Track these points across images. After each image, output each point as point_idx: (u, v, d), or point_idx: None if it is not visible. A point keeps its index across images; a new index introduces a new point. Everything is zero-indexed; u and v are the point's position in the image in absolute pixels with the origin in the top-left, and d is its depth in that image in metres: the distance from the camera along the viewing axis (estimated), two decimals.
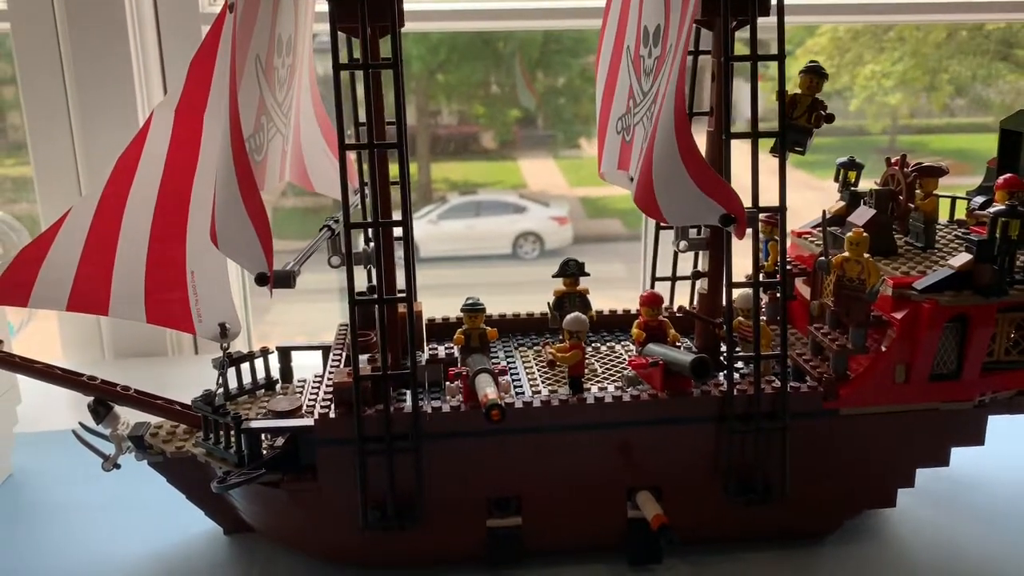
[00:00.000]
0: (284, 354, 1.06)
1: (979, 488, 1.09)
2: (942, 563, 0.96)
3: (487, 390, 0.83)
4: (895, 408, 0.93)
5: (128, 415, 0.95)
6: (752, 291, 0.90)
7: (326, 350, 1.06)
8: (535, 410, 0.89)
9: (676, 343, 0.97)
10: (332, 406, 0.89)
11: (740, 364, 0.98)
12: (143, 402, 0.95)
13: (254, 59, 0.86)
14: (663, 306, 0.99)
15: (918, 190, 1.00)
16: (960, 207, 1.08)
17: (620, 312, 1.15)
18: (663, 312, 0.99)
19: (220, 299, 0.96)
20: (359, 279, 0.91)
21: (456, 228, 3.36)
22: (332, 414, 0.88)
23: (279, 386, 1.05)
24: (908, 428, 0.94)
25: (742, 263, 0.92)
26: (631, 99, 1.01)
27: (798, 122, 0.90)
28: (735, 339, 0.94)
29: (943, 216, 1.06)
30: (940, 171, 1.00)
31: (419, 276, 1.04)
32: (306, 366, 1.08)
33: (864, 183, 1.07)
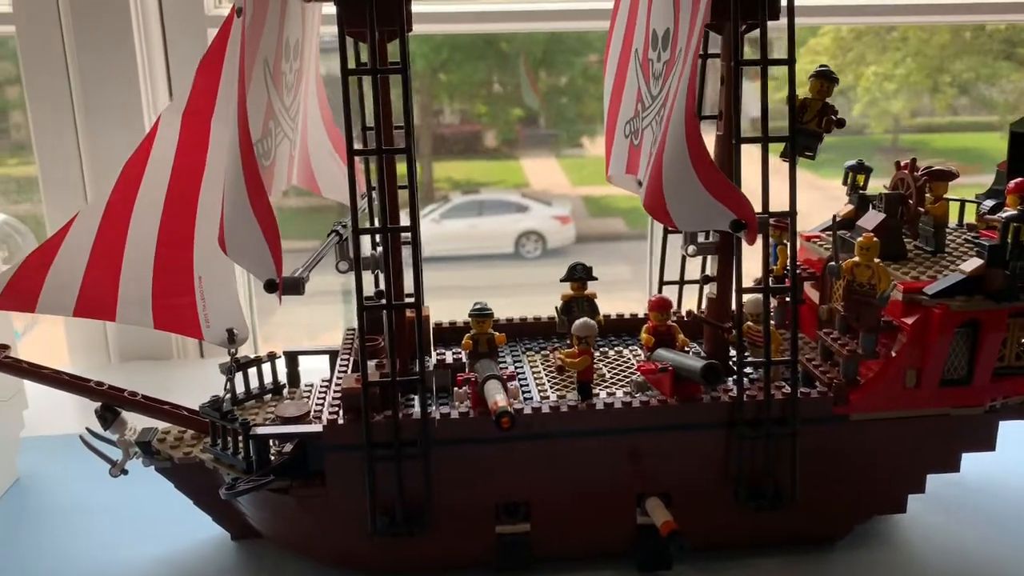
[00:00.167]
0: (291, 359, 1.06)
1: (990, 494, 1.08)
2: (952, 569, 0.95)
3: (497, 397, 0.83)
4: (906, 413, 0.92)
5: (135, 420, 0.95)
6: (762, 296, 0.90)
7: (333, 354, 1.06)
8: (544, 416, 0.89)
9: (685, 348, 0.97)
10: (340, 412, 0.89)
11: (749, 369, 0.98)
12: (150, 407, 0.94)
13: (262, 63, 0.86)
14: (671, 310, 0.99)
15: (928, 194, 1.00)
16: (970, 210, 1.07)
17: (628, 316, 1.14)
18: (672, 317, 0.98)
19: (228, 304, 0.96)
20: (366, 284, 0.90)
21: (458, 227, 3.35)
22: (341, 420, 0.88)
23: (286, 391, 1.05)
24: (919, 433, 0.93)
25: (749, 267, 0.91)
26: (639, 103, 1.00)
27: (808, 126, 0.89)
28: (744, 344, 0.93)
29: (952, 219, 1.06)
30: (950, 175, 0.99)
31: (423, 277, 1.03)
32: (312, 370, 1.07)
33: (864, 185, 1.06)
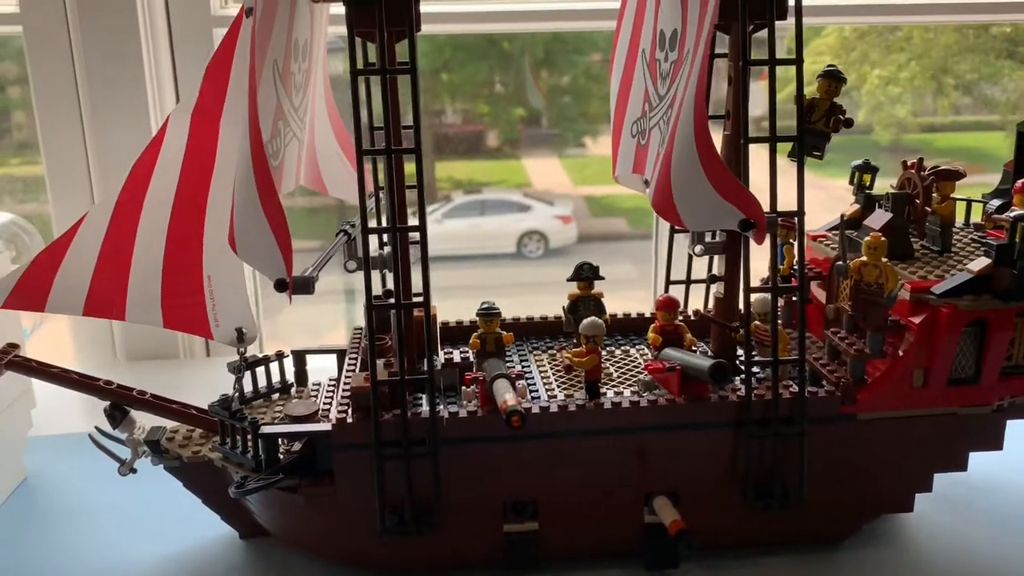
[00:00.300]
0: (299, 358, 1.06)
1: (997, 493, 1.09)
2: (959, 568, 0.95)
3: (506, 396, 0.83)
4: (913, 413, 0.93)
5: (144, 419, 0.95)
6: (770, 296, 0.90)
7: (341, 354, 1.06)
8: (552, 415, 0.89)
9: (692, 347, 0.97)
10: (349, 411, 0.89)
11: (756, 368, 0.98)
12: (159, 406, 0.95)
13: (272, 64, 0.86)
14: (678, 310, 0.99)
15: (935, 193, 1.00)
16: (976, 210, 1.07)
17: (634, 316, 1.14)
18: (679, 316, 0.98)
19: (237, 303, 0.96)
20: (374, 283, 0.90)
21: (461, 227, 3.35)
22: (350, 419, 0.88)
23: (294, 390, 1.05)
24: (926, 433, 0.94)
25: (756, 267, 0.92)
26: (646, 103, 1.01)
27: (816, 126, 0.90)
28: (752, 343, 0.93)
29: (958, 219, 1.06)
30: (957, 174, 0.99)
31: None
32: (319, 369, 1.08)
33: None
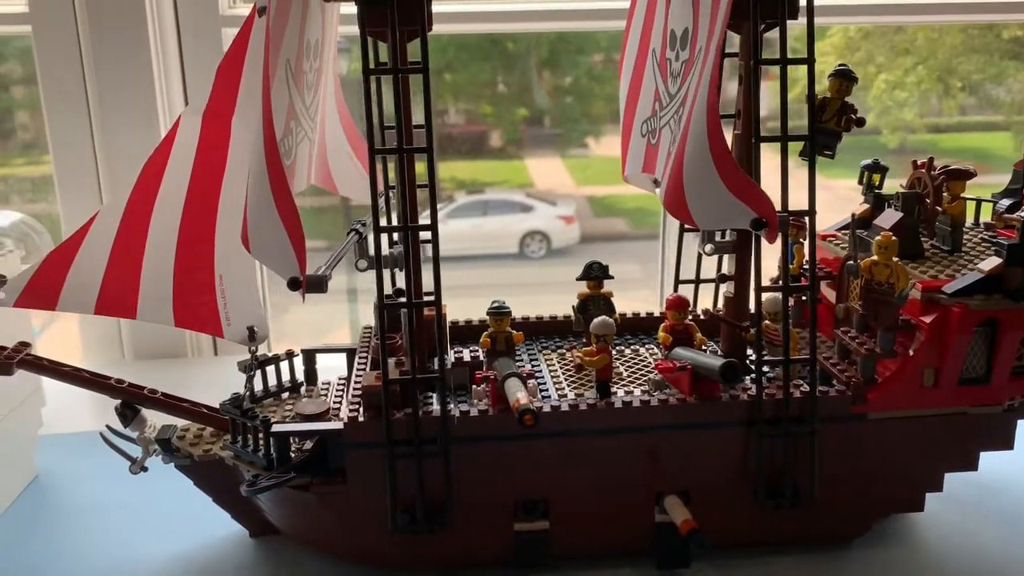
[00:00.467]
0: (308, 356, 1.06)
1: (1008, 493, 1.08)
2: (969, 568, 0.95)
3: (518, 395, 0.83)
4: (923, 412, 0.93)
5: (155, 418, 0.95)
6: (781, 295, 0.90)
7: (351, 352, 1.06)
8: (564, 414, 0.89)
9: (703, 347, 0.97)
10: (361, 409, 0.89)
11: (766, 368, 0.98)
12: (170, 405, 0.95)
13: (284, 63, 0.86)
14: (688, 309, 0.99)
15: (945, 193, 1.00)
16: (985, 209, 1.08)
17: (643, 315, 1.14)
18: (689, 316, 0.98)
19: (248, 302, 0.97)
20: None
21: (463, 227, 3.35)
22: (361, 418, 0.88)
23: (303, 389, 1.05)
24: (936, 432, 0.94)
25: (765, 266, 0.92)
26: (657, 102, 1.01)
27: (827, 125, 0.90)
28: (762, 343, 0.93)
29: (968, 218, 1.06)
30: (968, 174, 0.99)
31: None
32: (326, 368, 1.08)
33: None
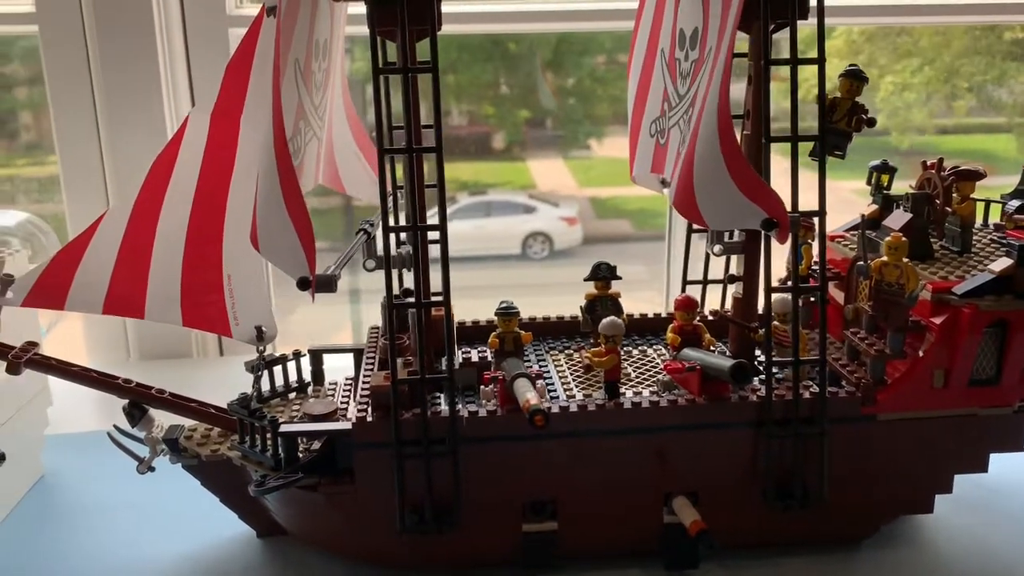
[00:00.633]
0: (316, 356, 1.06)
1: (1018, 495, 1.08)
2: (978, 570, 0.95)
3: (528, 395, 0.83)
4: (933, 413, 0.92)
5: (162, 418, 0.95)
6: (791, 296, 0.90)
7: (357, 353, 1.06)
8: (573, 415, 0.89)
9: (711, 347, 0.97)
10: (369, 410, 0.89)
11: (775, 369, 0.98)
12: (178, 405, 0.94)
13: (293, 63, 0.86)
14: (697, 310, 0.99)
15: (955, 194, 1.00)
16: (994, 210, 1.07)
17: (651, 316, 1.14)
18: (697, 316, 0.98)
19: (256, 302, 0.96)
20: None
21: (466, 228, 3.36)
22: (369, 418, 0.88)
23: (310, 389, 1.05)
24: (946, 434, 0.93)
25: (773, 266, 0.91)
26: (665, 102, 1.00)
27: (837, 126, 0.89)
28: (771, 343, 0.93)
29: (977, 219, 1.06)
30: (978, 175, 0.99)
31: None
32: (331, 368, 1.07)
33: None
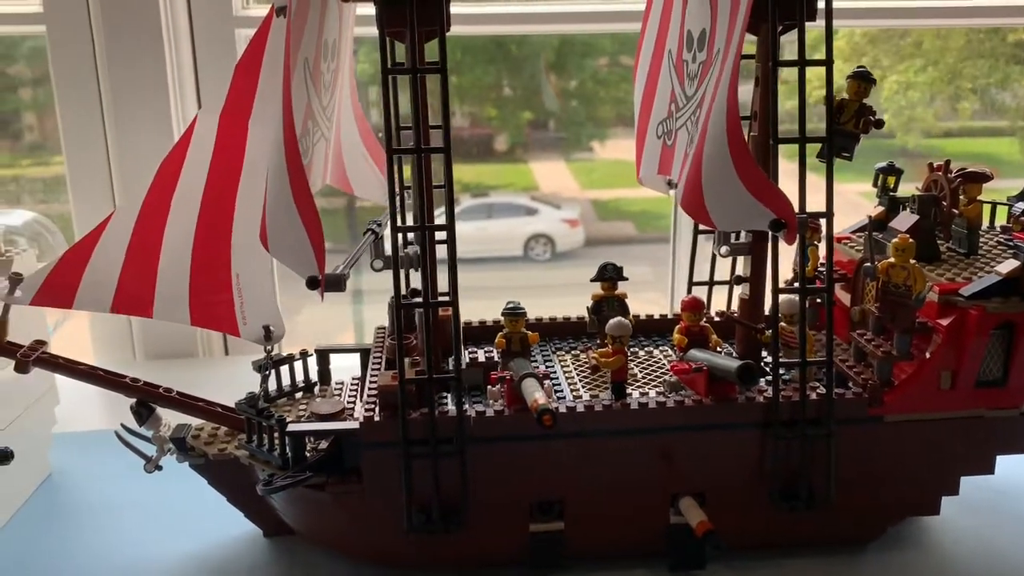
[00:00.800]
0: (322, 357, 1.06)
1: None
2: (984, 572, 0.95)
3: (536, 395, 0.83)
4: (940, 415, 0.92)
5: (169, 417, 0.95)
6: (799, 297, 0.90)
7: (364, 352, 1.06)
8: (580, 415, 0.89)
9: (718, 348, 0.97)
10: (376, 409, 0.89)
11: (782, 370, 0.98)
12: (185, 404, 0.95)
13: (303, 63, 0.86)
14: (703, 311, 0.99)
15: (962, 196, 1.00)
16: (1000, 212, 1.07)
17: (657, 317, 1.14)
18: (704, 317, 0.98)
19: (264, 301, 0.97)
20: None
21: (468, 230, 3.36)
22: (377, 417, 0.88)
23: (317, 389, 1.05)
24: (953, 435, 0.93)
25: (780, 268, 0.92)
26: (672, 103, 1.01)
27: (845, 127, 0.90)
28: (778, 344, 0.93)
29: (984, 221, 1.06)
30: (985, 176, 0.99)
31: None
32: (340, 368, 1.07)
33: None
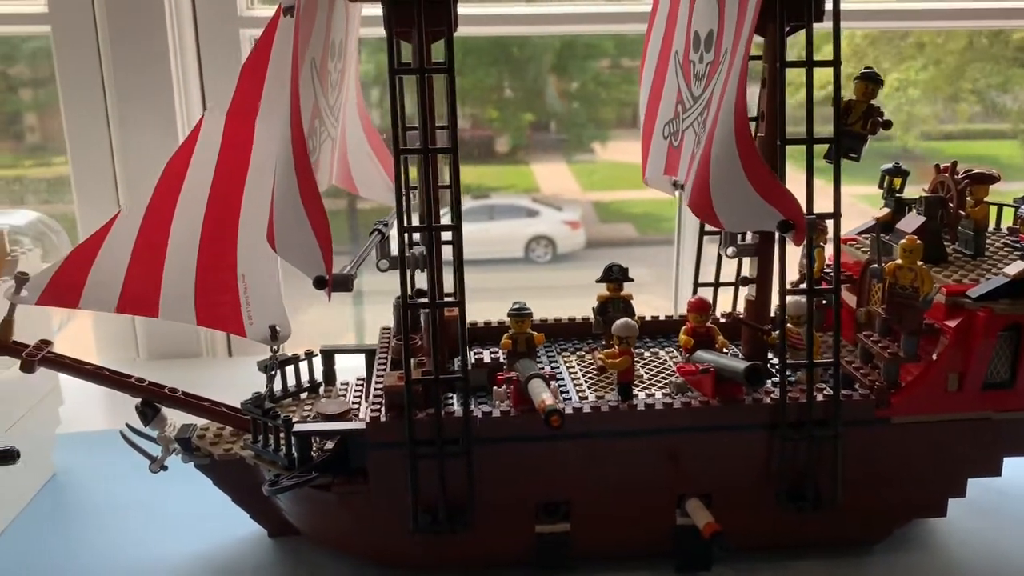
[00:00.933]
0: (328, 356, 1.06)
1: None
2: (991, 574, 0.95)
3: (543, 396, 0.83)
4: (947, 417, 0.92)
5: (174, 417, 0.95)
6: (806, 299, 0.90)
7: (369, 353, 1.06)
8: (587, 416, 0.89)
9: (724, 350, 0.97)
10: (383, 410, 0.89)
11: (789, 371, 0.98)
12: (190, 404, 0.94)
13: (310, 62, 0.86)
14: (710, 312, 0.99)
15: (968, 197, 1.00)
16: (1007, 214, 1.07)
17: (662, 318, 1.14)
18: (710, 318, 0.98)
19: (270, 302, 0.96)
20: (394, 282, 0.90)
21: (469, 231, 3.34)
22: (383, 418, 0.88)
23: (322, 389, 1.05)
24: (960, 437, 0.93)
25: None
26: (679, 104, 1.01)
27: (852, 128, 0.90)
28: (785, 346, 0.93)
29: (990, 223, 1.06)
30: (992, 178, 0.99)
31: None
32: (346, 368, 1.07)
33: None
